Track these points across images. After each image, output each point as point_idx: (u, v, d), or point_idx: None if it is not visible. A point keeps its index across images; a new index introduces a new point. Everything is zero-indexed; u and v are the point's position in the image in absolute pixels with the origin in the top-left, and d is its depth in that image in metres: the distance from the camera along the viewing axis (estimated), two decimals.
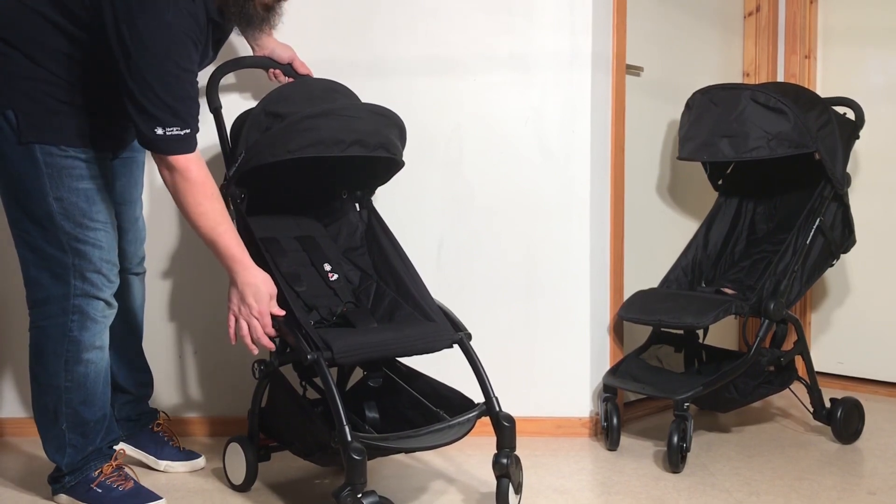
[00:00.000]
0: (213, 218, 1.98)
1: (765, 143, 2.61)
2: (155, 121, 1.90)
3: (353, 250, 2.38)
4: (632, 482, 2.35)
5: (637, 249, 2.98)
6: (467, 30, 2.69)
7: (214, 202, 1.99)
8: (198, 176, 1.96)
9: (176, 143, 1.93)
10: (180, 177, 1.95)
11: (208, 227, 1.98)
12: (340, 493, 1.82)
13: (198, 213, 1.97)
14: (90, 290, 2.07)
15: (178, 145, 1.93)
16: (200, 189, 1.96)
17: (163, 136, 1.91)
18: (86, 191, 2.05)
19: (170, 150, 1.93)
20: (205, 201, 1.97)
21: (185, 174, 1.95)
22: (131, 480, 2.17)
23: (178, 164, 1.94)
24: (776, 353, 2.63)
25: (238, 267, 2.01)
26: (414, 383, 2.22)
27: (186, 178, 1.95)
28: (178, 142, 1.93)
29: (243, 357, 2.55)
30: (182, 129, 1.92)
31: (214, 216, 1.98)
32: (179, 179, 1.95)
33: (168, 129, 1.91)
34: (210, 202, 1.98)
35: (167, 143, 1.92)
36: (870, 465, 2.51)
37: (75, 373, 2.10)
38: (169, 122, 1.91)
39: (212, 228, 1.98)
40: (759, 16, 3.37)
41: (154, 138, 1.91)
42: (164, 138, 1.91)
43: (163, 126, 1.90)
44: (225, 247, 2.00)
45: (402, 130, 2.22)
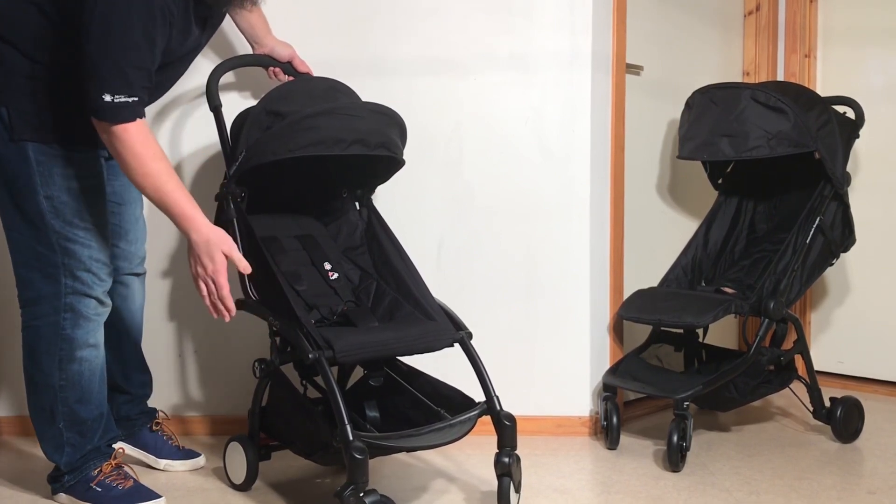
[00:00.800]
0: (159, 177, 1.94)
1: (765, 142, 2.61)
2: (104, 86, 1.87)
3: (354, 249, 2.38)
4: (631, 481, 2.35)
5: (637, 249, 2.98)
6: (467, 30, 2.69)
7: (158, 162, 1.95)
8: (138, 140, 1.92)
9: (122, 111, 1.89)
10: (119, 143, 1.91)
11: (154, 187, 1.94)
12: (343, 492, 1.82)
13: (142, 175, 1.93)
14: (81, 288, 2.07)
15: (123, 113, 1.90)
16: (142, 151, 1.92)
17: (110, 102, 1.88)
18: (77, 189, 2.05)
19: (115, 119, 1.89)
20: (148, 162, 1.93)
21: (125, 140, 1.91)
22: (131, 479, 2.17)
23: (118, 132, 1.90)
24: (776, 353, 2.63)
25: (189, 224, 1.97)
26: (415, 382, 2.22)
27: (125, 143, 1.91)
28: (124, 109, 1.89)
29: (244, 356, 2.55)
30: (129, 96, 1.89)
31: (160, 176, 1.94)
32: (119, 145, 1.91)
33: (116, 96, 1.88)
34: (154, 162, 1.94)
35: (113, 111, 1.89)
36: (869, 464, 2.51)
37: (70, 371, 2.10)
38: (119, 88, 1.88)
39: (157, 188, 1.94)
40: (758, 15, 3.37)
41: (101, 105, 1.88)
42: (112, 105, 1.88)
43: (111, 92, 1.87)
44: (173, 204, 1.95)
45: (402, 129, 2.22)
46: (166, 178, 1.95)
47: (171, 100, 2.63)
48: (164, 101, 2.58)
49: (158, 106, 2.59)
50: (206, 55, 2.61)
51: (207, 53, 2.61)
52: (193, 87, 2.60)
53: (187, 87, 2.59)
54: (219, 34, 2.60)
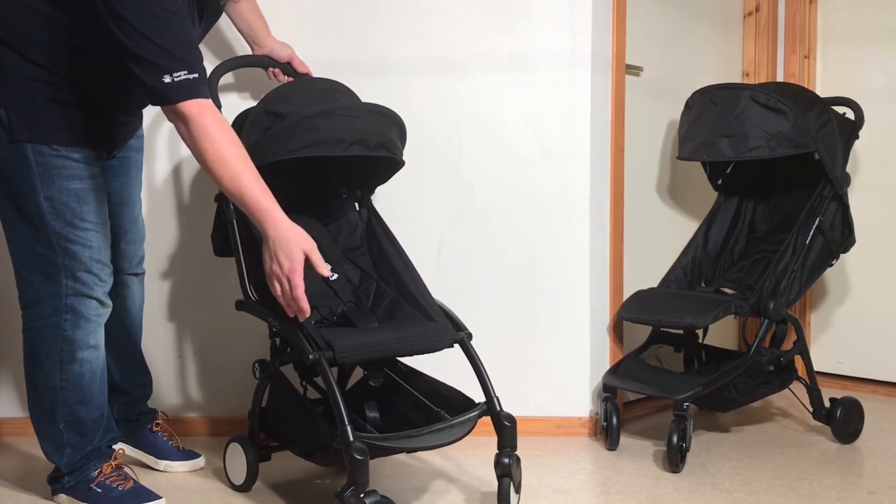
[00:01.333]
0: (235, 166, 1.85)
1: (764, 142, 2.61)
2: (159, 69, 1.82)
3: (353, 250, 2.38)
4: (631, 482, 2.35)
5: (637, 249, 2.98)
6: (467, 30, 2.68)
7: (235, 149, 1.86)
8: (214, 121, 1.86)
9: (187, 89, 1.83)
10: (195, 125, 1.84)
11: (230, 175, 1.84)
12: (343, 493, 1.82)
13: (218, 161, 1.84)
14: (81, 289, 2.06)
15: (189, 90, 1.83)
16: (219, 134, 1.85)
17: (171, 83, 1.82)
18: (77, 190, 2.04)
19: (181, 97, 1.83)
20: (224, 147, 1.85)
21: (200, 120, 1.84)
22: (131, 480, 2.17)
23: (191, 111, 1.84)
24: (776, 353, 2.63)
25: (268, 219, 1.87)
26: (414, 383, 2.22)
27: (201, 124, 1.84)
28: (188, 87, 1.84)
29: (243, 357, 2.55)
30: (189, 72, 1.84)
31: (237, 164, 1.85)
32: (194, 127, 1.84)
33: (175, 75, 1.82)
34: (230, 148, 1.86)
35: (178, 90, 1.83)
36: (869, 464, 2.51)
37: (70, 372, 2.09)
38: (174, 66, 1.82)
39: (234, 177, 1.85)
40: (758, 16, 3.37)
41: (163, 88, 1.82)
42: (174, 85, 1.82)
43: (169, 72, 1.82)
44: (251, 197, 1.86)
45: (402, 130, 2.22)
46: (244, 168, 1.86)
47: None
48: None
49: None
50: (206, 56, 2.59)
51: (206, 54, 2.61)
52: None
53: None
54: (218, 35, 2.60)
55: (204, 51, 2.57)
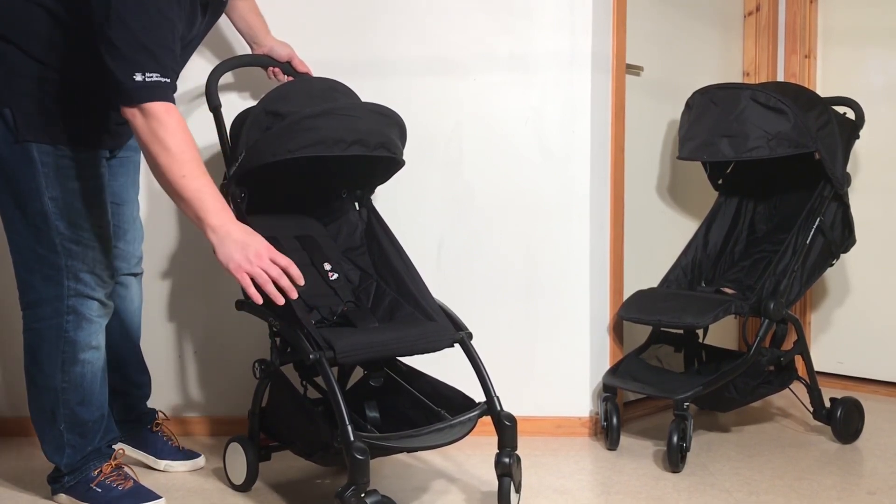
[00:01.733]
0: (193, 168, 1.85)
1: (765, 142, 2.61)
2: (134, 65, 1.81)
3: (353, 250, 2.38)
4: (631, 482, 2.35)
5: (637, 249, 2.98)
6: (467, 30, 2.69)
7: (193, 153, 1.86)
8: (173, 125, 1.84)
9: (156, 90, 1.82)
10: (157, 122, 1.82)
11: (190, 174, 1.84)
12: (344, 492, 1.82)
13: (178, 161, 1.83)
14: (84, 290, 2.06)
15: (157, 92, 1.83)
16: (177, 137, 1.84)
17: (142, 82, 1.81)
18: (81, 191, 2.04)
19: (150, 97, 1.82)
20: (181, 150, 1.84)
21: (163, 119, 1.83)
22: (131, 480, 2.17)
23: (155, 110, 1.82)
24: (776, 353, 2.63)
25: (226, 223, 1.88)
26: (415, 383, 2.22)
27: (163, 123, 1.82)
28: (158, 89, 1.83)
29: (243, 357, 2.55)
30: (162, 76, 1.83)
31: (195, 167, 1.86)
32: (157, 125, 1.82)
33: (148, 75, 1.81)
34: (189, 151, 1.85)
35: (147, 90, 1.82)
36: (869, 464, 2.51)
37: (72, 373, 2.09)
38: (149, 66, 1.82)
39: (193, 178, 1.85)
40: (758, 15, 3.37)
41: (132, 86, 1.81)
42: (144, 85, 1.81)
43: (142, 71, 1.81)
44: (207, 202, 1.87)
45: (402, 130, 2.21)
46: (197, 174, 1.86)
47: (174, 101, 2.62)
48: None
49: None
50: (206, 56, 2.61)
51: (206, 54, 2.61)
52: (193, 87, 2.59)
53: (187, 87, 2.59)
54: (218, 35, 2.60)
55: (204, 50, 2.59)
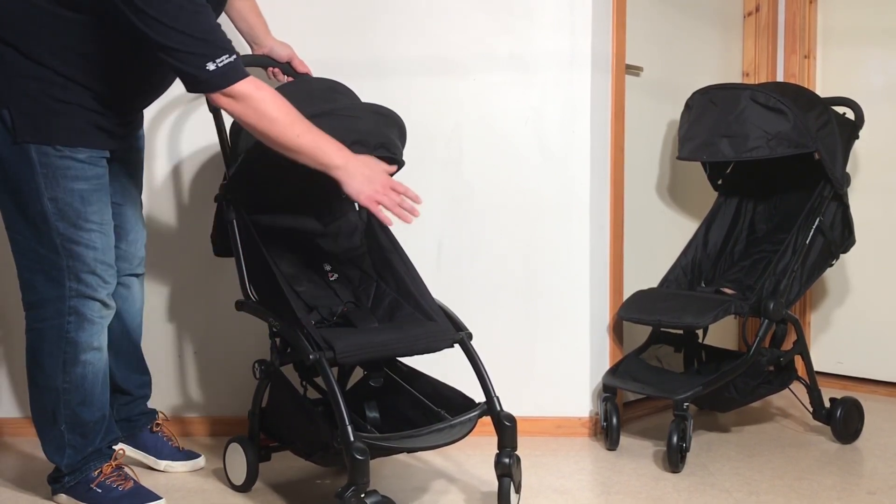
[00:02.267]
0: (300, 124, 1.92)
1: (764, 142, 2.61)
2: (202, 58, 1.85)
3: (353, 250, 2.38)
4: (631, 482, 2.35)
5: (637, 249, 2.98)
6: (467, 30, 2.68)
7: (292, 109, 1.92)
8: (266, 93, 1.91)
9: (232, 72, 1.87)
10: (251, 104, 1.89)
11: (302, 131, 1.92)
12: (344, 493, 1.82)
13: (288, 125, 1.90)
14: (85, 290, 2.06)
15: (233, 73, 1.88)
16: (275, 103, 1.91)
17: (216, 69, 1.85)
18: (81, 191, 2.04)
19: (231, 79, 1.87)
20: (284, 113, 1.91)
21: (254, 97, 1.89)
22: (131, 480, 2.17)
23: (244, 91, 1.88)
24: (776, 353, 2.63)
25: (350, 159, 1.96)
26: (415, 383, 2.21)
27: (257, 100, 1.89)
28: (233, 70, 1.88)
29: (243, 357, 2.54)
30: (230, 55, 1.88)
31: (301, 121, 1.92)
32: (252, 107, 1.89)
33: (219, 60, 1.85)
34: (290, 110, 1.92)
35: (224, 76, 1.87)
36: (869, 464, 2.52)
37: (73, 374, 2.09)
38: (216, 53, 1.86)
39: (305, 132, 1.92)
40: (758, 16, 3.37)
41: (208, 76, 1.86)
42: (220, 71, 1.86)
43: (212, 59, 1.85)
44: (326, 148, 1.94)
45: (402, 130, 2.21)
46: (307, 124, 1.93)
47: (170, 100, 2.62)
48: (163, 101, 2.57)
49: (158, 106, 2.59)
50: None
51: None
52: None
53: None
54: None
55: None
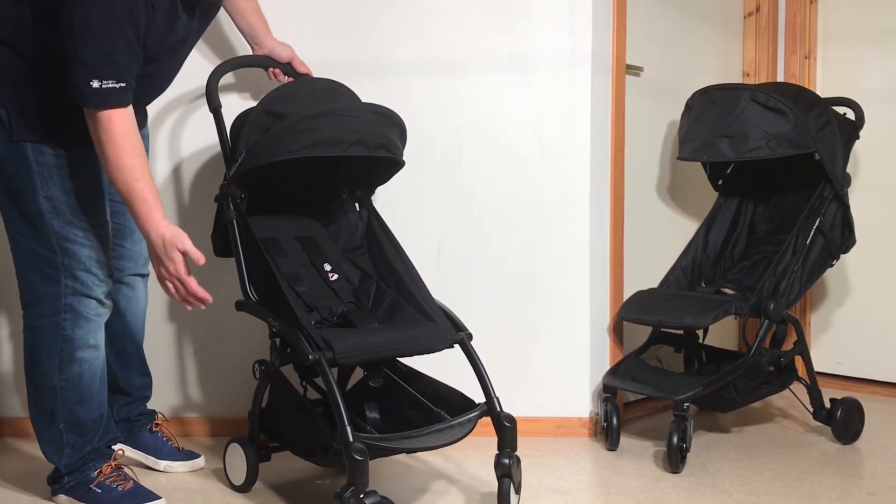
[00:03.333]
0: (132, 173, 1.92)
1: (765, 143, 2.61)
2: (93, 73, 1.86)
3: (353, 250, 2.38)
4: (631, 482, 2.35)
5: (637, 249, 2.98)
6: (467, 30, 2.68)
7: (135, 158, 1.93)
8: (121, 130, 1.91)
9: (110, 97, 1.88)
10: (103, 130, 1.90)
11: (124, 181, 1.93)
12: (343, 493, 1.82)
13: (118, 167, 1.92)
14: (81, 288, 2.06)
15: (111, 99, 1.89)
16: (123, 144, 1.91)
17: (98, 89, 1.87)
18: (77, 190, 2.04)
19: (102, 104, 1.88)
20: (125, 156, 1.92)
21: (109, 128, 1.90)
22: (131, 480, 2.17)
23: (103, 119, 1.89)
24: (776, 354, 2.63)
25: (149, 225, 1.96)
26: (415, 383, 2.21)
27: (109, 132, 1.90)
28: (112, 95, 1.88)
29: (243, 357, 2.54)
30: (117, 81, 1.88)
31: (133, 172, 1.93)
32: (102, 133, 1.90)
33: (104, 82, 1.87)
34: (131, 158, 1.92)
35: (101, 97, 1.88)
36: (869, 465, 2.51)
37: (70, 372, 2.09)
38: (106, 74, 1.87)
39: (127, 183, 1.93)
40: (758, 16, 3.37)
41: (89, 91, 1.87)
42: (100, 91, 1.87)
43: (99, 78, 1.86)
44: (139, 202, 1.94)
45: (402, 130, 2.21)
46: (139, 176, 1.93)
47: (170, 101, 2.62)
48: (163, 101, 2.57)
49: (158, 106, 2.59)
50: (206, 56, 2.61)
51: (207, 54, 2.61)
52: (193, 88, 2.59)
53: (187, 88, 2.59)
54: (218, 35, 2.60)
55: (204, 51, 2.59)
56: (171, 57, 2.12)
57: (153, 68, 2.05)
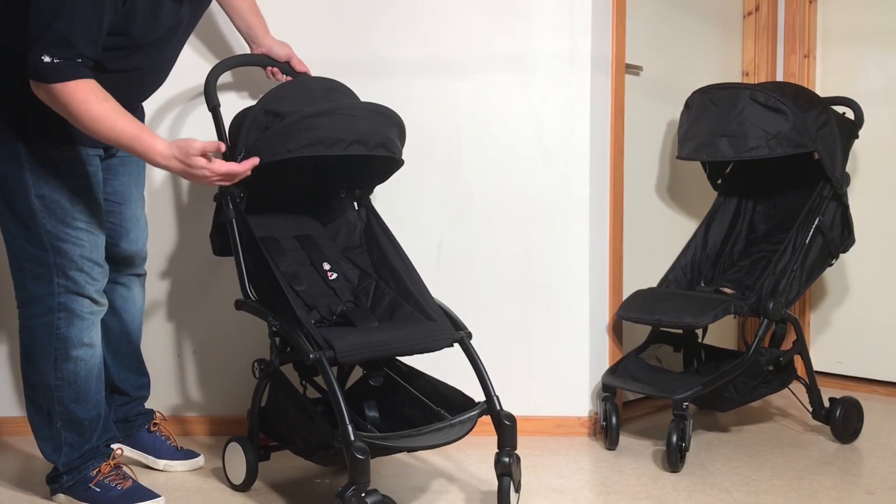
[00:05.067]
0: (107, 120, 1.87)
1: (764, 142, 2.61)
2: (45, 49, 1.80)
3: (352, 249, 2.38)
4: (631, 482, 2.35)
5: (636, 249, 2.98)
6: (467, 30, 2.68)
7: (103, 103, 1.87)
8: (80, 90, 1.84)
9: (62, 70, 1.82)
10: (63, 97, 1.84)
11: (107, 128, 1.87)
12: (344, 492, 1.82)
13: (92, 119, 1.86)
14: (73, 287, 2.06)
15: (65, 72, 1.82)
16: (84, 97, 1.84)
17: (49, 62, 1.81)
18: (69, 189, 2.04)
19: (54, 77, 1.82)
20: (93, 107, 1.85)
21: (67, 94, 1.83)
22: (130, 479, 2.17)
23: (57, 89, 1.83)
24: (775, 353, 2.63)
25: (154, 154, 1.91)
26: (414, 382, 2.21)
27: (68, 96, 1.84)
28: (64, 68, 1.82)
29: (243, 357, 2.55)
30: (70, 57, 1.82)
31: (108, 116, 1.87)
32: (63, 100, 1.84)
33: (55, 58, 1.81)
34: (98, 105, 1.86)
35: (53, 70, 1.82)
36: (868, 464, 2.52)
37: (65, 370, 2.09)
38: (60, 52, 1.81)
39: (109, 129, 1.87)
40: (758, 15, 3.37)
41: (40, 65, 1.81)
42: (51, 65, 1.81)
43: (51, 55, 1.81)
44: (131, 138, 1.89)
45: (401, 129, 2.21)
46: (115, 118, 1.88)
47: (168, 99, 2.62)
48: (161, 100, 2.57)
49: (156, 105, 2.58)
50: (204, 55, 2.61)
51: (205, 53, 2.61)
52: (191, 86, 2.59)
53: (185, 86, 2.59)
54: (216, 34, 2.60)
55: (202, 50, 2.59)
56: (163, 48, 2.09)
57: (143, 59, 2.03)
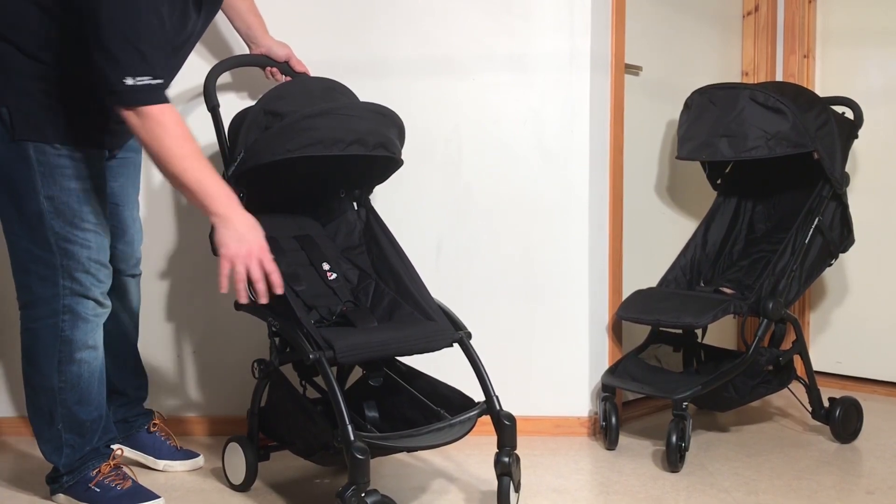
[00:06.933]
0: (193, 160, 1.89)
1: (763, 142, 2.61)
2: (126, 70, 1.82)
3: (352, 249, 2.38)
4: (630, 482, 2.35)
5: (636, 249, 2.98)
6: (467, 30, 2.68)
7: (194, 143, 1.90)
8: (173, 119, 1.87)
9: (148, 93, 1.84)
10: (153, 123, 1.85)
11: (193, 168, 1.88)
12: (344, 492, 1.82)
13: (181, 156, 1.87)
14: (79, 289, 2.06)
15: (150, 95, 1.84)
16: (177, 131, 1.87)
17: (133, 86, 1.82)
18: (77, 190, 2.04)
19: (142, 100, 1.84)
20: (186, 143, 1.88)
21: (160, 119, 1.85)
22: (129, 480, 2.17)
23: (150, 112, 1.85)
24: (775, 353, 2.63)
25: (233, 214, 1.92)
26: (414, 382, 2.22)
27: (161, 123, 1.85)
28: (150, 91, 1.84)
29: (243, 357, 2.54)
30: (153, 77, 1.84)
31: (196, 160, 1.89)
32: (152, 126, 1.85)
33: (138, 79, 1.82)
34: (187, 145, 1.88)
35: (139, 94, 1.83)
36: (868, 464, 2.52)
37: (69, 373, 2.09)
38: (140, 70, 1.82)
39: (198, 170, 1.89)
40: (757, 15, 3.37)
41: (124, 89, 1.82)
42: (135, 88, 1.82)
43: (133, 75, 1.82)
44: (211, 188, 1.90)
45: (401, 129, 2.21)
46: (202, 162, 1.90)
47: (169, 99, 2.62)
48: None
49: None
50: (204, 55, 2.61)
51: (204, 54, 2.61)
52: (191, 87, 2.59)
53: (185, 86, 2.59)
54: (216, 34, 2.60)
55: (202, 50, 2.59)
56: (176, 55, 2.11)
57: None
